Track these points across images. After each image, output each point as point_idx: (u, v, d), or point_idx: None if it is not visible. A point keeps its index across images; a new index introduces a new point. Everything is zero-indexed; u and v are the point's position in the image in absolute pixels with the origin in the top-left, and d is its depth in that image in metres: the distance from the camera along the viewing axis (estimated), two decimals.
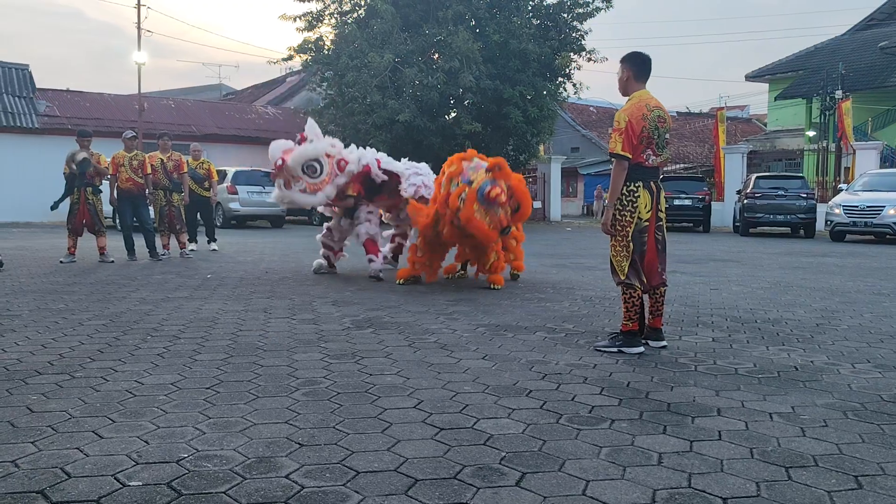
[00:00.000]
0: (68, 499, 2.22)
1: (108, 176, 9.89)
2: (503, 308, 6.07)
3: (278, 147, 7.82)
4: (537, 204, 25.51)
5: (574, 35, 23.33)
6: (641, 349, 4.36)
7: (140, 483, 2.33)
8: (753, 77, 30.10)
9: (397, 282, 7.50)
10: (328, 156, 7.69)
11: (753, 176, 18.99)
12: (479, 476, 2.43)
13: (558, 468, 2.51)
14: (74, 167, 9.39)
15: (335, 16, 23.59)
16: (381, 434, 2.84)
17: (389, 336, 4.81)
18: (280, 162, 7.58)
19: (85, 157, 9.44)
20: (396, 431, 2.87)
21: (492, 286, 7.19)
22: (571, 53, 23.14)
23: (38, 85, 23.94)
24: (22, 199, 20.91)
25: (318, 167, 7.60)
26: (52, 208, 9.50)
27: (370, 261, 8.04)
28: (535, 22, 23.39)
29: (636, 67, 4.44)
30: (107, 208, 10.26)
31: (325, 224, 8.62)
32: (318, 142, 7.79)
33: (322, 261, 8.52)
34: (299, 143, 7.80)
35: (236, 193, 18.81)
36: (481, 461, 2.56)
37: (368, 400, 3.30)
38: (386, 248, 8.82)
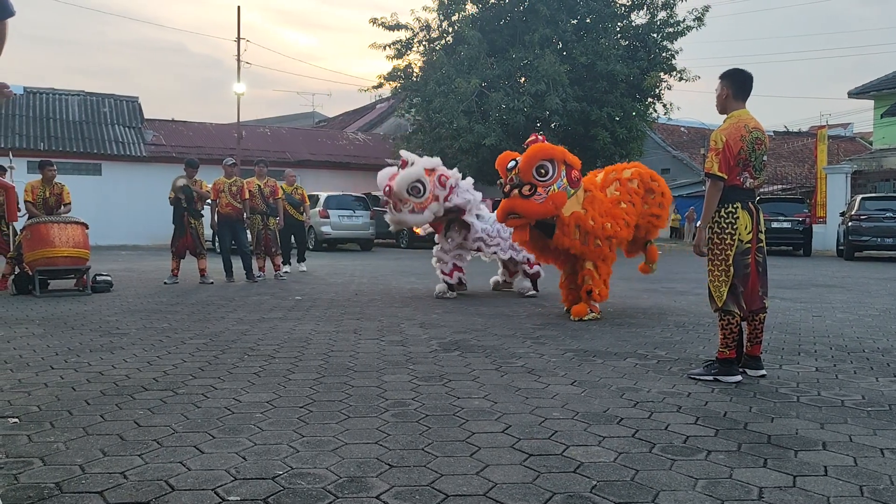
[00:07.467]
0: None
1: (209, 201, 10.39)
2: (592, 333, 5.97)
3: (385, 175, 8.34)
4: None
5: (664, 55, 22.94)
6: (739, 378, 4.20)
7: (238, 498, 2.41)
8: (857, 94, 28.64)
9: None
10: (427, 173, 8.04)
11: (858, 197, 18.06)
12: None
13: (652, 499, 2.44)
14: (180, 194, 9.93)
15: (423, 43, 24.06)
16: (470, 458, 2.83)
17: (476, 359, 4.81)
18: (387, 189, 8.04)
19: (185, 183, 9.98)
20: (485, 456, 2.86)
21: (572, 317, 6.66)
22: (661, 73, 22.74)
23: (146, 116, 25.45)
24: (130, 224, 22.25)
25: (420, 187, 7.97)
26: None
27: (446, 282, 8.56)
28: (623, 43, 23.15)
29: (736, 85, 4.31)
30: (207, 232, 10.77)
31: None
32: (418, 163, 8.17)
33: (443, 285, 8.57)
34: (401, 168, 8.18)
35: (328, 217, 19.35)
36: (571, 489, 2.52)
37: (456, 423, 3.31)
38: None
